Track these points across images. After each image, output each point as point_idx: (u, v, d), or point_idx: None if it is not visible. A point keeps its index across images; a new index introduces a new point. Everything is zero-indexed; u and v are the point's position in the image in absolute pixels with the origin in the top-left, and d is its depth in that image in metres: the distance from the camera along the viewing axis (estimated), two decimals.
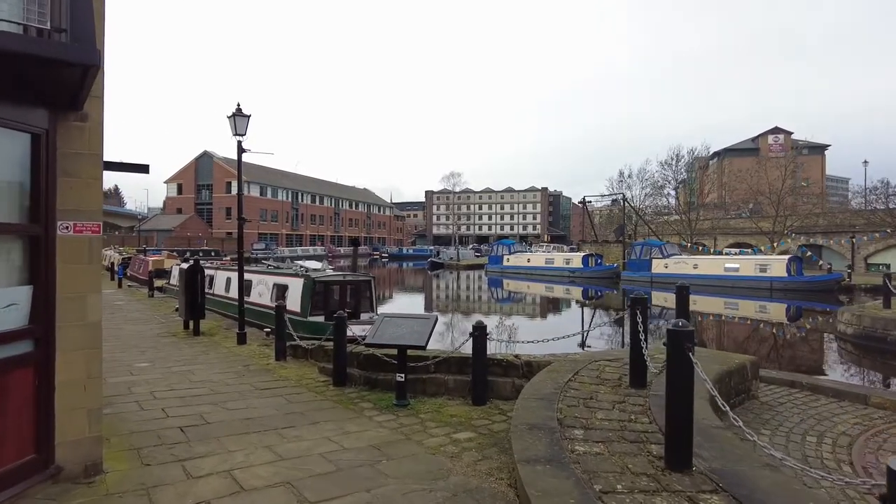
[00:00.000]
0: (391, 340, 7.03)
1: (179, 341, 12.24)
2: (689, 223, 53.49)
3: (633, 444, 4.69)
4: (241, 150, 11.84)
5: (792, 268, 33.03)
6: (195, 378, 8.67)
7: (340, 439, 5.75)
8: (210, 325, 14.61)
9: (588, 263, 45.74)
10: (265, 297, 15.28)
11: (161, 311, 17.57)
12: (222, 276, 18.88)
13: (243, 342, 11.86)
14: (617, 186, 66.01)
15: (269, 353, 10.80)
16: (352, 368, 8.47)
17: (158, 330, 13.78)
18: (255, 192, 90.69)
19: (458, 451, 5.51)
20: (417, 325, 7.30)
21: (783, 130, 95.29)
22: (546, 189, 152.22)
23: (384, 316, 7.63)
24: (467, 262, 65.37)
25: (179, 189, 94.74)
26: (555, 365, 7.52)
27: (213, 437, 5.73)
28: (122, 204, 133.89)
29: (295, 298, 13.53)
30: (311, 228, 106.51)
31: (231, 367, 9.61)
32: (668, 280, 37.97)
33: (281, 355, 10.15)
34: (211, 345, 11.84)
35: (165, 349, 11.24)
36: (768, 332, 22.34)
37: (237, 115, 11.59)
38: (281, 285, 14.79)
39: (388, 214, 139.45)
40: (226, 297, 18.05)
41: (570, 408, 5.67)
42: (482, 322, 7.38)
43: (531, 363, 7.84)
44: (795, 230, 46.10)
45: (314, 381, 8.57)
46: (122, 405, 6.83)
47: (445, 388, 7.77)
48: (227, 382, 8.37)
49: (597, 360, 7.95)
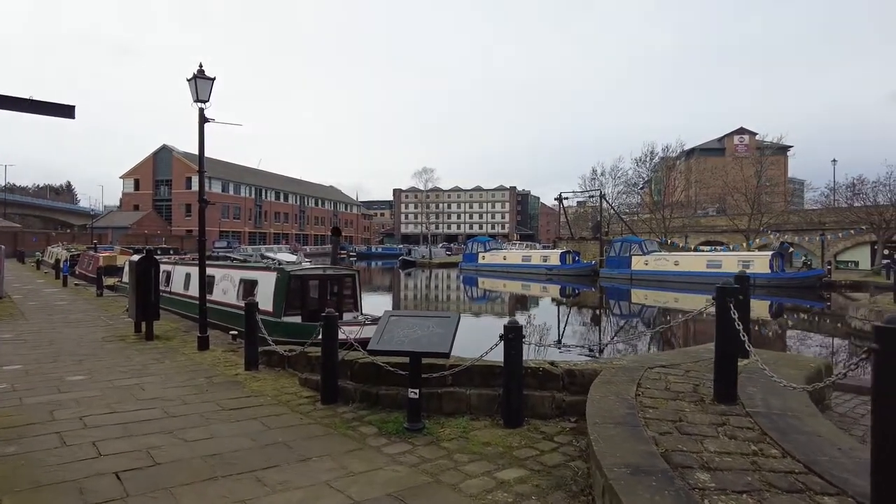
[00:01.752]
0: (404, 346, 5.41)
1: (128, 347, 10.30)
2: (663, 221, 53.13)
3: (793, 494, 3.20)
4: (204, 119, 9.99)
5: (774, 264, 32.55)
6: (144, 395, 6.86)
7: (346, 486, 4.13)
8: (166, 327, 12.67)
9: (566, 261, 44.73)
10: (230, 294, 13.37)
11: (110, 312, 15.43)
12: (181, 272, 16.82)
13: (205, 347, 10.01)
14: (590, 184, 65.54)
15: (236, 361, 9.02)
16: (344, 380, 6.82)
17: (103, 333, 11.77)
18: (216, 189, 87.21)
19: (513, 500, 3.95)
20: (436, 325, 5.70)
21: (748, 131, 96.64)
22: (514, 188, 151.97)
23: (390, 314, 5.99)
24: (440, 261, 63.75)
25: (136, 185, 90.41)
26: (606, 374, 6.02)
27: (163, 487, 4.03)
28: (76, 201, 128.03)
29: (266, 296, 11.69)
30: (276, 226, 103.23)
31: (191, 378, 7.81)
32: (649, 277, 37.27)
33: (252, 364, 8.40)
34: (166, 351, 9.96)
35: (109, 357, 9.33)
36: (775, 330, 21.24)
37: (199, 77, 9.74)
38: (249, 281, 12.91)
39: (355, 213, 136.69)
40: (186, 295, 16.03)
41: (665, 436, 4.17)
42: (516, 321, 5.82)
43: (573, 372, 6.34)
44: (770, 227, 46.11)
45: (296, 397, 6.88)
46: (34, 439, 5.01)
47: (467, 404, 6.19)
48: (185, 400, 6.61)
49: (650, 366, 6.49)
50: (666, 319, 22.93)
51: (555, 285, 40.44)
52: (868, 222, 37.42)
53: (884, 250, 37.89)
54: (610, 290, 36.31)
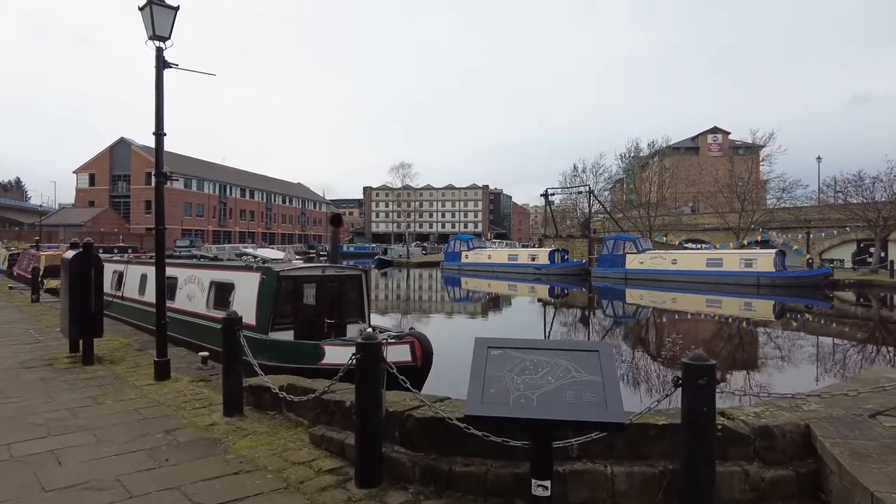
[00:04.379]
0: (532, 411, 2.95)
1: (55, 376, 7.50)
2: (648, 218, 51.68)
3: None
4: (164, 63, 7.28)
5: (778, 262, 31.03)
6: (63, 472, 4.22)
7: None
8: (114, 343, 9.85)
9: (554, 259, 42.61)
10: (198, 300, 10.54)
11: (43, 323, 12.44)
12: (136, 273, 13.85)
13: (165, 376, 7.30)
14: (571, 181, 63.89)
15: (210, 399, 6.38)
16: (391, 444, 4.34)
17: (26, 355, 8.89)
18: (178, 185, 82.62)
19: None
20: (576, 365, 3.26)
21: (722, 130, 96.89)
22: (487, 187, 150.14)
23: (488, 345, 3.49)
24: (418, 260, 61.00)
25: (92, 180, 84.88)
26: (825, 432, 3.69)
27: None
28: (26, 198, 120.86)
29: (246, 304, 8.96)
30: (241, 225, 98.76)
31: (142, 434, 5.16)
32: (645, 276, 35.40)
33: (234, 406, 5.78)
34: (111, 382, 7.22)
35: (23, 395, 6.55)
36: (824, 344, 18.47)
37: (155, 3, 7.02)
38: (222, 284, 10.14)
39: (323, 211, 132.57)
40: (141, 301, 13.12)
41: None
42: (702, 355, 3.39)
43: (769, 431, 4.00)
44: (759, 225, 45.04)
45: (311, 471, 4.34)
46: None
47: (610, 491, 3.75)
48: (128, 488, 3.98)
49: (868, 414, 4.21)
50: (734, 330, 20.69)
51: (543, 285, 38.29)
52: (865, 219, 36.34)
53: (880, 251, 36.88)
54: (604, 290, 34.30)
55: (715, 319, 22.82)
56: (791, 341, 17.50)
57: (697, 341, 16.64)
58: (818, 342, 17.36)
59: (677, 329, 19.46)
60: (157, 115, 7.39)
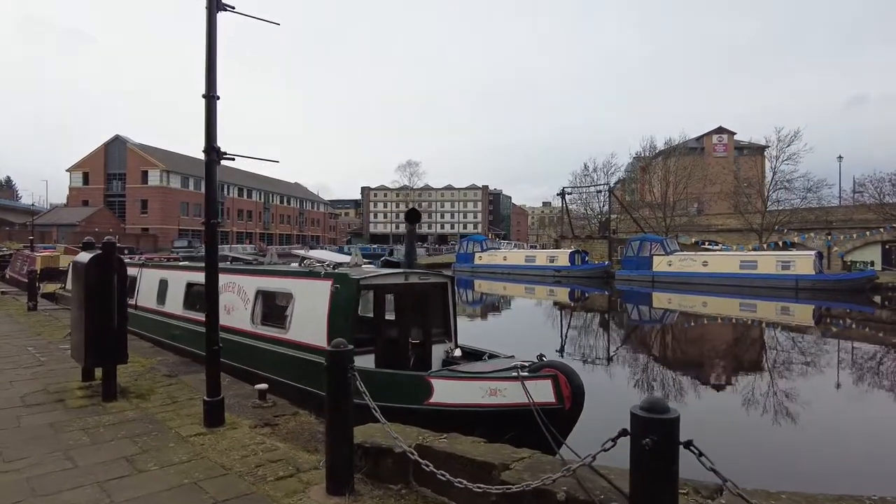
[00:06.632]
0: None
1: (70, 420, 5.64)
2: (665, 219, 50.15)
3: None
4: (218, 4, 5.47)
5: (818, 264, 29.42)
6: None
7: None
8: (134, 367, 7.94)
9: (575, 261, 40.82)
10: (239, 314, 8.59)
11: (45, 337, 10.52)
12: (152, 278, 11.86)
13: (219, 421, 5.46)
14: (582, 181, 62.34)
15: (290, 459, 4.57)
16: None
17: (27, 386, 7.00)
18: (175, 184, 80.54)
19: None
20: None
21: (727, 130, 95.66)
22: (487, 187, 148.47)
23: None
24: (426, 262, 59.16)
25: (86, 178, 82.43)
26: None
27: None
28: (17, 197, 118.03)
29: (311, 321, 6.99)
30: (239, 225, 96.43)
31: None
32: (674, 279, 33.70)
33: (342, 480, 3.95)
34: (146, 431, 5.37)
35: (29, 456, 4.71)
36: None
37: None
38: (275, 294, 8.17)
39: (321, 211, 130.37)
40: (160, 311, 11.19)
41: None
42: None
43: None
44: (783, 225, 43.50)
45: None
46: None
47: None
48: None
49: None
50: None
51: (563, 288, 36.56)
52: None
53: None
54: (630, 293, 32.64)
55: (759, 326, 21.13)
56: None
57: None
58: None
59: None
60: (207, 73, 5.57)
